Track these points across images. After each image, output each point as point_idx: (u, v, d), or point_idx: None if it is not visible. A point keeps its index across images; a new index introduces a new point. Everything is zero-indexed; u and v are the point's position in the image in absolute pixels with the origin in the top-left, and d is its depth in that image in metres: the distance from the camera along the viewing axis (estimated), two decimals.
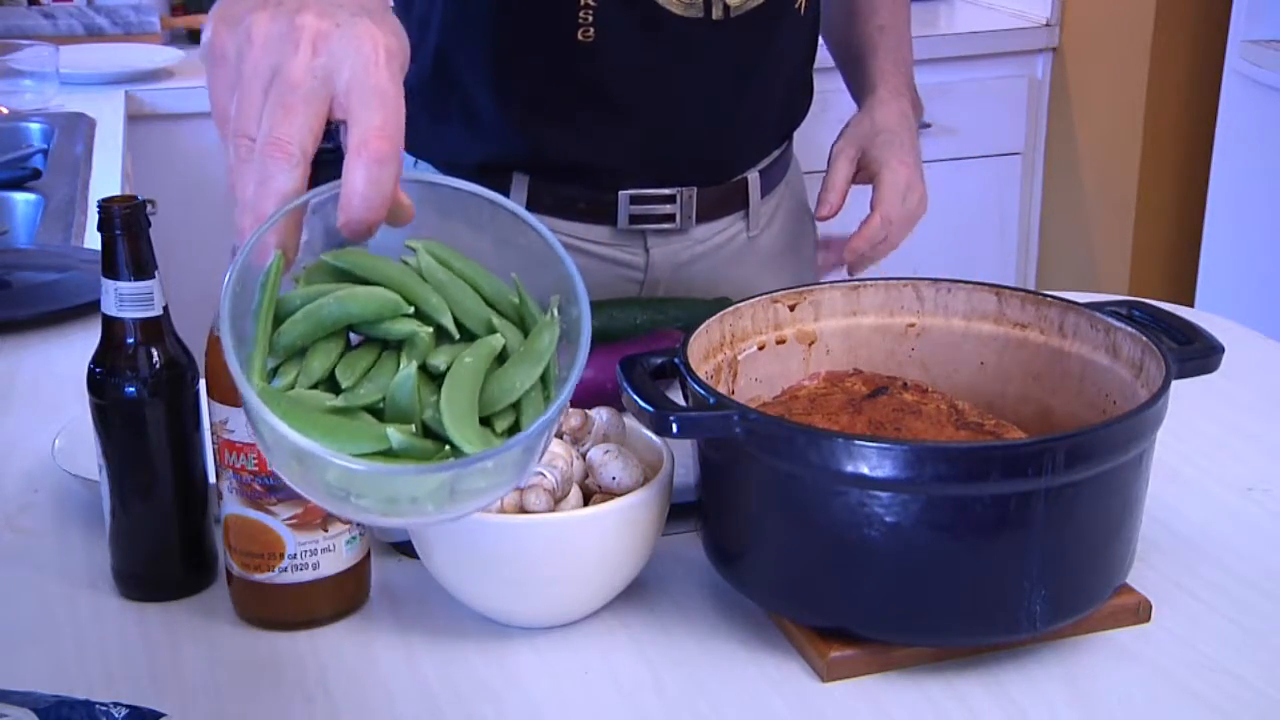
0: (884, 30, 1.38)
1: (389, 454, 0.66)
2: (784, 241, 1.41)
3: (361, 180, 0.68)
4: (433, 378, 0.69)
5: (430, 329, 0.70)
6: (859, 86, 1.38)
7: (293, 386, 0.69)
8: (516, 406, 0.70)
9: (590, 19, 1.20)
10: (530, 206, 1.29)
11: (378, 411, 0.69)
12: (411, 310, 0.70)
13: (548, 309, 0.73)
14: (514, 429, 0.69)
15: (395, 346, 0.70)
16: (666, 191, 1.30)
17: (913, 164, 1.30)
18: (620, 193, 1.29)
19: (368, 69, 0.69)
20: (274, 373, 0.69)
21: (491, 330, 0.71)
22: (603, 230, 1.31)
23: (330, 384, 0.69)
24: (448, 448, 0.67)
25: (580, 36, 1.20)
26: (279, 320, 0.70)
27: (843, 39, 1.41)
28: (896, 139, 1.30)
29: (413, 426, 0.67)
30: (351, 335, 0.71)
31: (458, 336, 0.71)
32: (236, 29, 0.71)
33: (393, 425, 0.67)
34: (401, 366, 0.68)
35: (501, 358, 0.71)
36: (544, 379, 0.71)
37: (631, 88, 1.25)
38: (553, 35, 1.21)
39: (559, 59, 1.22)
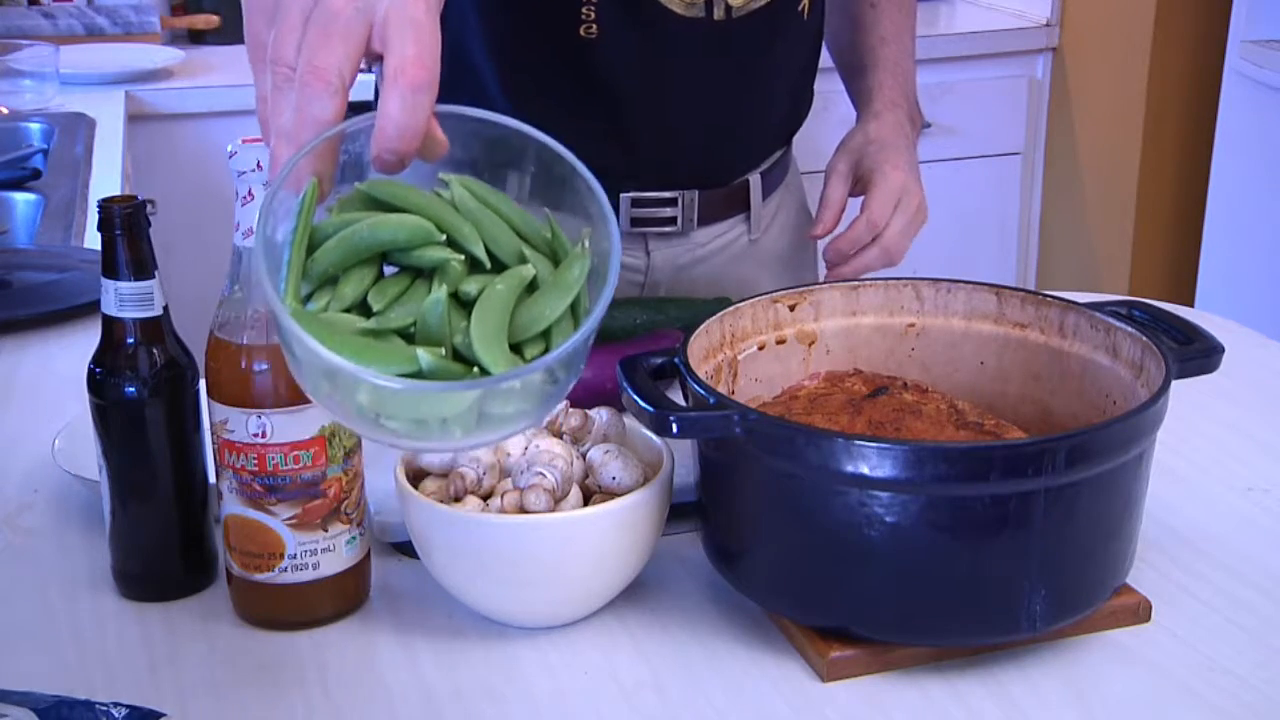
0: (885, 42, 1.37)
1: (419, 376, 0.66)
2: (785, 244, 1.41)
3: (397, 108, 0.69)
4: (463, 305, 0.69)
5: (462, 257, 0.70)
6: (858, 99, 1.38)
7: (326, 309, 0.69)
8: (546, 336, 0.70)
9: (592, 15, 1.20)
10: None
11: (409, 336, 0.69)
12: (444, 238, 0.70)
13: (578, 242, 0.73)
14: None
15: (427, 275, 0.71)
16: (668, 194, 1.30)
17: (907, 169, 1.29)
18: (621, 195, 1.29)
19: (404, 2, 0.70)
20: (308, 299, 0.70)
21: (523, 261, 0.71)
22: None
23: (363, 310, 0.70)
24: (476, 370, 0.67)
25: (582, 33, 1.20)
26: (313, 248, 0.70)
27: (845, 50, 1.41)
28: (891, 146, 1.30)
29: (443, 350, 0.68)
30: (386, 268, 0.72)
31: (489, 265, 0.71)
32: None
33: (423, 347, 0.67)
34: (433, 291, 0.69)
35: (532, 287, 0.71)
36: (574, 311, 0.71)
37: (633, 86, 1.25)
38: (555, 32, 1.21)
39: (561, 56, 1.22)
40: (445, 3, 1.19)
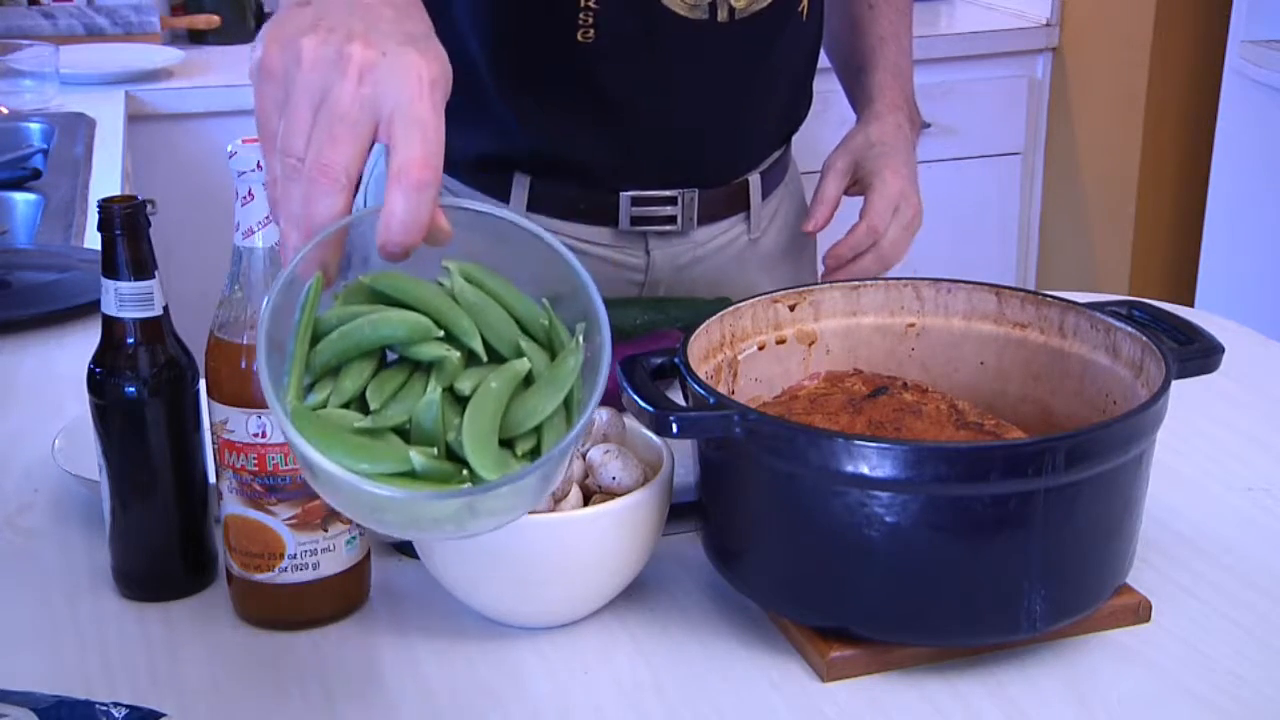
0: (884, 41, 1.37)
1: (412, 474, 0.69)
2: (785, 243, 1.41)
3: (400, 206, 0.71)
4: (459, 400, 0.72)
5: (459, 353, 0.72)
6: (858, 99, 1.38)
7: (325, 404, 0.72)
8: (538, 430, 0.72)
9: (591, 20, 1.20)
10: (531, 207, 1.29)
11: (405, 432, 0.71)
12: (442, 334, 0.72)
13: (574, 335, 0.75)
14: (535, 451, 0.72)
15: (426, 368, 0.73)
16: (668, 193, 1.30)
17: (907, 175, 1.29)
18: (621, 194, 1.29)
19: (411, 100, 0.72)
20: (310, 389, 0.72)
21: (519, 353, 0.73)
22: (604, 231, 1.31)
23: (362, 403, 0.72)
24: (466, 471, 0.70)
25: (580, 37, 1.20)
26: (316, 339, 0.72)
27: (844, 50, 1.41)
28: (891, 150, 1.30)
29: (435, 450, 0.70)
30: (388, 354, 0.74)
31: (486, 359, 0.73)
32: (287, 50, 0.74)
33: (416, 448, 0.69)
34: (428, 390, 0.71)
35: (529, 380, 0.73)
36: (567, 404, 0.73)
37: (632, 88, 1.25)
38: (553, 34, 1.21)
39: (559, 58, 1.22)
40: (445, 5, 1.20)
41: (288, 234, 0.73)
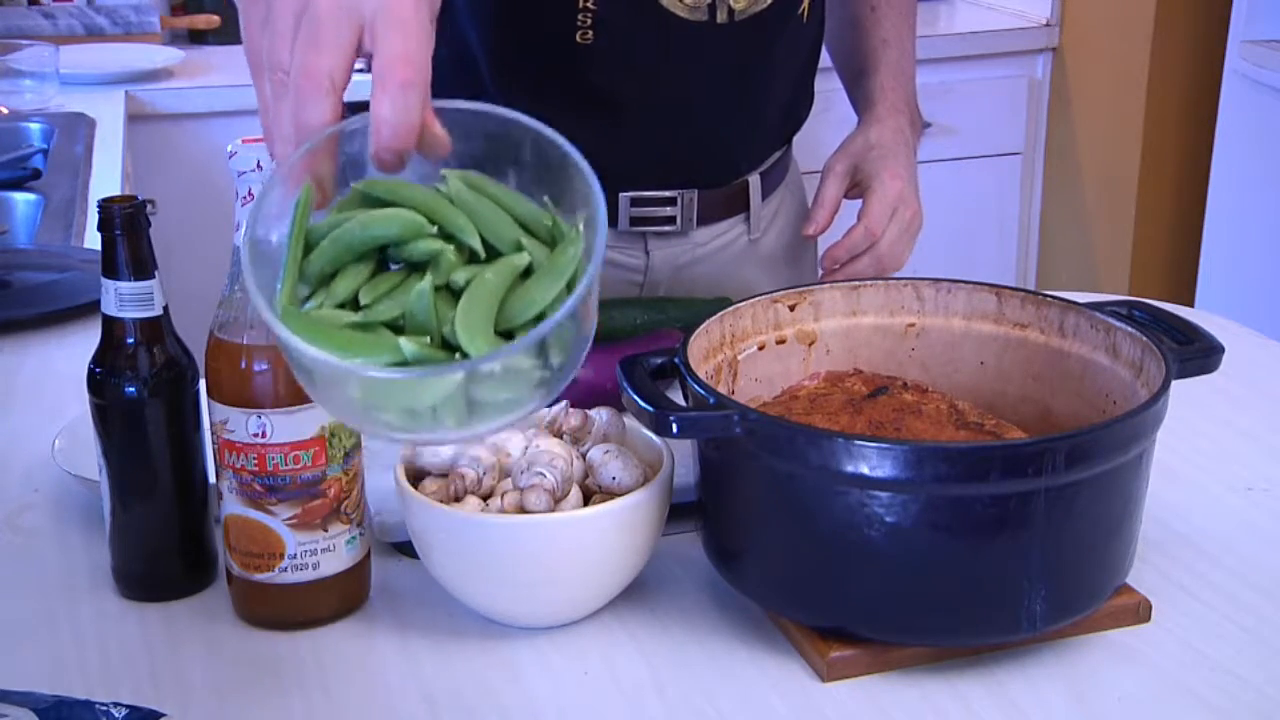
0: (886, 44, 1.37)
1: (405, 366, 0.67)
2: (785, 244, 1.41)
3: (388, 107, 0.69)
4: (456, 295, 0.69)
5: (453, 248, 0.70)
6: (859, 102, 1.38)
7: (319, 310, 0.69)
8: (539, 321, 0.69)
9: (589, 21, 1.20)
10: None
11: (399, 329, 0.69)
12: (435, 230, 0.70)
13: (573, 226, 0.73)
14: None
15: (423, 270, 0.70)
16: (667, 194, 1.30)
17: (906, 178, 1.29)
18: (621, 194, 1.29)
19: (391, 2, 0.71)
20: (306, 299, 0.70)
21: (520, 250, 0.71)
22: None
23: (355, 307, 0.70)
24: (459, 356, 0.68)
25: (579, 39, 1.20)
26: (309, 249, 0.70)
27: (845, 52, 1.41)
28: (891, 153, 1.30)
29: (429, 339, 0.68)
30: (392, 267, 0.72)
31: (484, 256, 0.71)
32: None
33: (407, 337, 0.67)
34: (421, 282, 0.69)
35: (528, 275, 0.71)
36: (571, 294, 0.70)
37: (631, 89, 1.25)
38: (551, 35, 1.21)
39: (558, 59, 1.22)
40: (443, 4, 1.20)
41: (279, 152, 0.71)
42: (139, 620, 0.93)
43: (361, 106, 0.72)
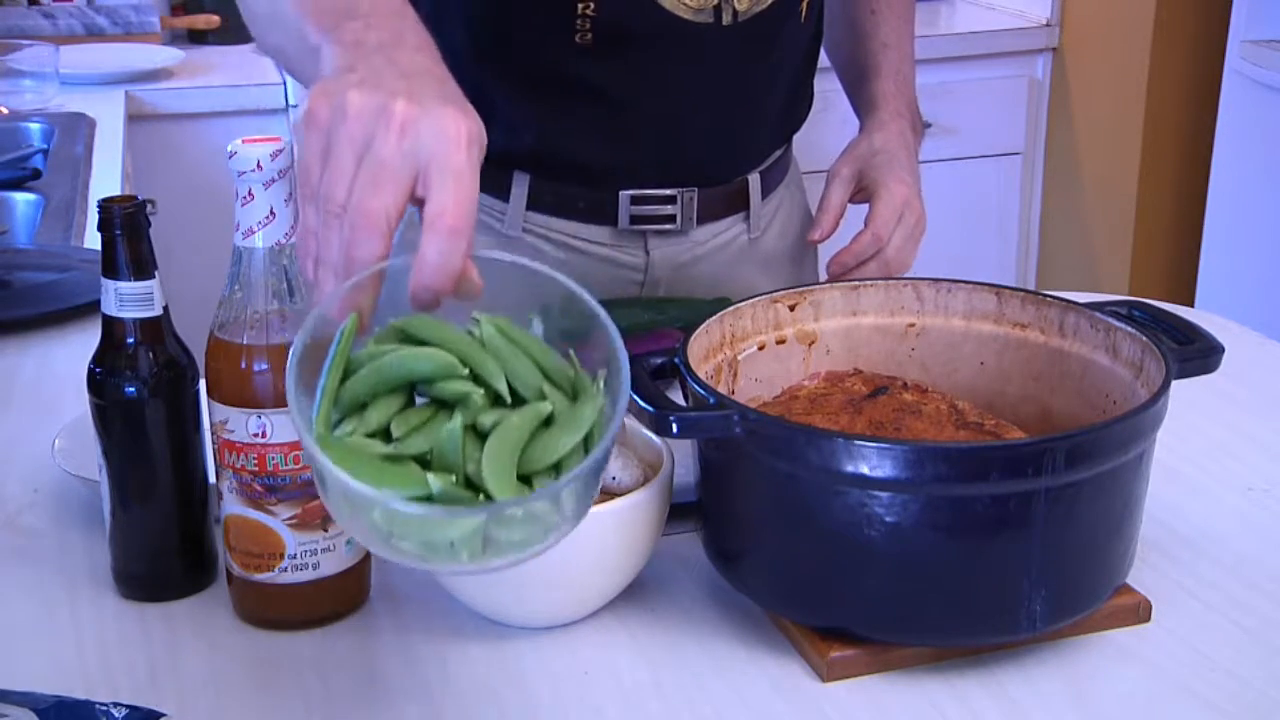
0: (887, 48, 1.37)
1: (430, 500, 0.70)
2: (785, 243, 1.41)
3: (434, 250, 0.73)
4: (481, 437, 0.72)
5: (482, 391, 0.74)
6: (861, 106, 1.38)
7: (350, 435, 0.73)
8: (557, 470, 0.73)
9: (588, 25, 1.20)
10: (531, 205, 1.29)
11: (426, 463, 0.72)
12: (467, 372, 0.74)
13: (595, 381, 0.76)
14: None
15: (451, 407, 0.74)
16: (667, 192, 1.30)
17: (911, 184, 1.30)
18: (621, 193, 1.29)
19: (449, 152, 0.75)
20: (338, 424, 0.73)
21: (543, 397, 0.75)
22: (603, 230, 1.31)
23: (387, 437, 0.73)
24: (482, 498, 0.71)
25: (577, 39, 1.20)
26: (346, 378, 0.74)
27: (846, 57, 1.41)
28: (895, 159, 1.30)
29: (454, 477, 0.71)
30: (417, 399, 0.75)
31: (510, 401, 0.74)
32: (333, 102, 0.77)
33: (434, 473, 0.70)
34: (452, 420, 0.72)
35: (549, 423, 0.74)
36: (586, 447, 0.74)
37: (629, 89, 1.25)
38: (548, 35, 1.21)
39: (555, 59, 1.22)
40: (437, 9, 1.20)
41: (324, 280, 0.75)
42: (139, 620, 0.93)
43: None
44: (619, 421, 0.72)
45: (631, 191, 1.29)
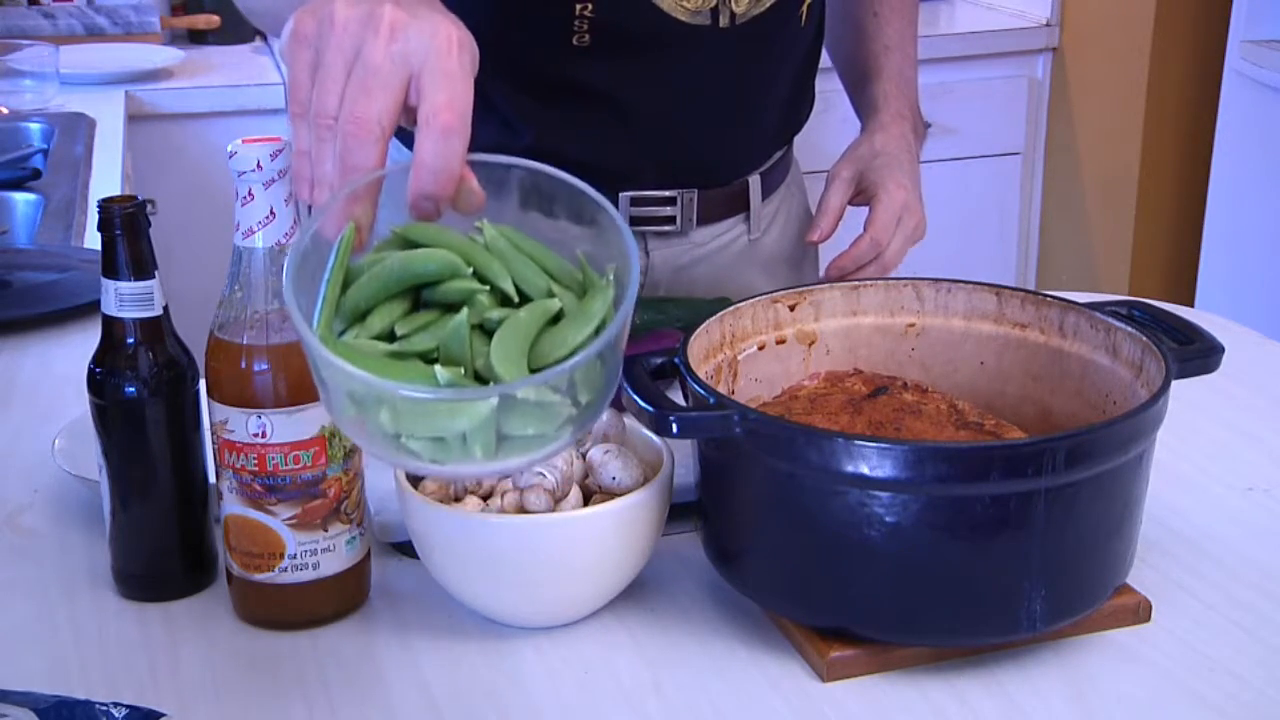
0: (889, 51, 1.37)
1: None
2: (785, 245, 1.41)
3: (430, 152, 0.72)
4: (488, 335, 0.71)
5: (488, 288, 0.72)
6: (863, 108, 1.38)
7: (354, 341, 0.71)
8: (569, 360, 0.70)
9: (586, 26, 1.20)
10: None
11: (433, 361, 0.71)
12: (471, 272, 0.72)
13: (604, 276, 0.75)
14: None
15: (457, 310, 0.72)
16: (667, 193, 1.30)
17: (910, 187, 1.29)
18: (620, 194, 1.29)
19: (440, 55, 0.74)
20: (340, 335, 0.72)
21: (551, 295, 0.73)
22: None
23: (390, 340, 0.72)
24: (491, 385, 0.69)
25: (575, 42, 1.20)
26: (346, 286, 0.72)
27: (848, 58, 1.41)
28: (895, 162, 1.30)
29: (462, 369, 0.69)
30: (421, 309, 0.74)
31: (517, 300, 0.73)
32: (319, 14, 0.76)
33: (441, 366, 0.69)
34: (457, 316, 0.70)
35: (558, 320, 0.73)
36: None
37: (627, 91, 1.24)
38: (546, 37, 1.21)
39: (553, 61, 1.22)
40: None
41: (320, 195, 0.74)
42: (139, 620, 0.93)
43: None
44: (630, 306, 0.70)
45: (631, 193, 1.29)
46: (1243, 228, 2.58)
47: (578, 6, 1.18)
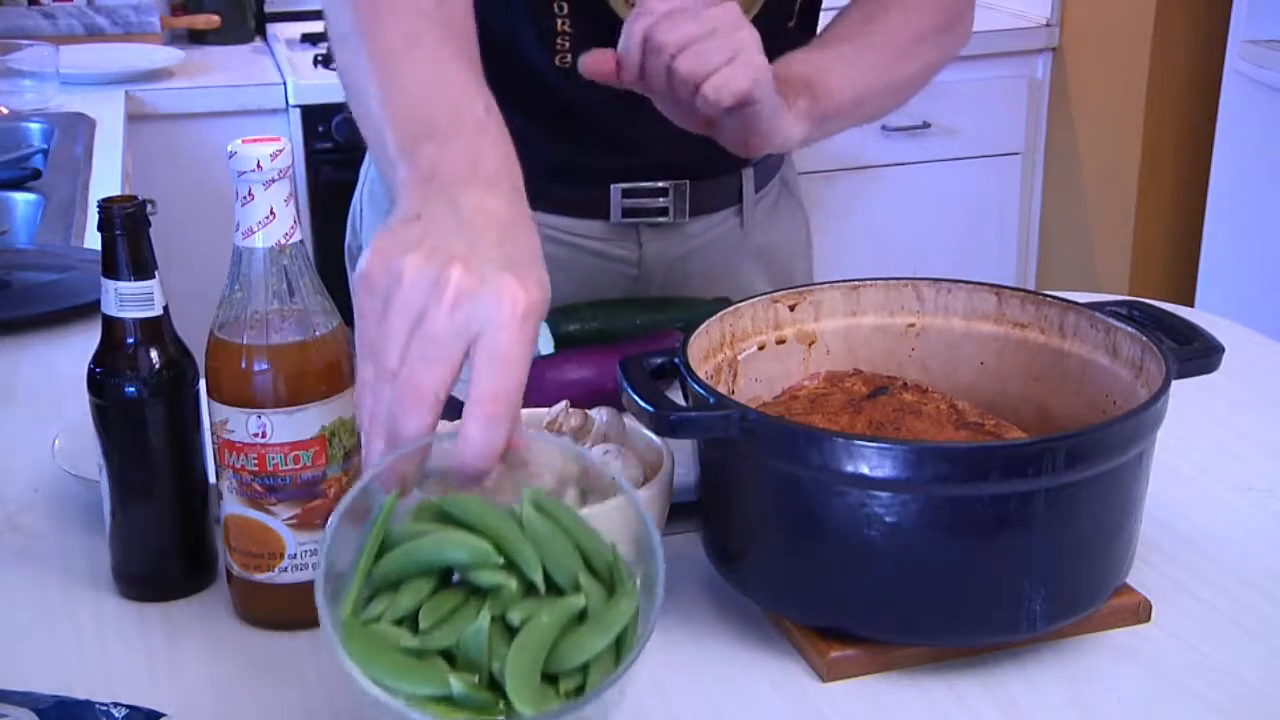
0: (841, 39, 1.22)
1: (450, 700, 0.69)
2: (779, 238, 1.41)
3: (475, 436, 0.74)
4: (510, 630, 0.72)
5: (515, 582, 0.73)
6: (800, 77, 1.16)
7: (380, 617, 0.72)
8: (585, 669, 0.72)
9: (567, 45, 1.19)
10: None
11: (452, 656, 0.71)
12: (502, 561, 0.73)
13: (633, 577, 0.75)
14: (580, 690, 0.71)
15: (484, 593, 0.73)
16: (659, 184, 1.30)
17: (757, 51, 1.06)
18: (612, 186, 1.29)
19: (500, 329, 0.74)
20: (370, 600, 0.73)
21: (578, 587, 0.73)
22: (595, 225, 1.31)
23: (415, 622, 0.73)
24: (504, 703, 0.70)
25: (558, 62, 1.21)
26: (381, 552, 0.74)
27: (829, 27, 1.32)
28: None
29: (476, 677, 0.70)
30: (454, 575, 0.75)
31: (544, 591, 0.73)
32: (389, 266, 0.76)
33: (456, 674, 0.70)
34: (479, 617, 0.71)
35: (583, 616, 0.73)
36: (619, 647, 0.73)
37: (614, 105, 1.23)
38: (530, 59, 1.21)
39: (542, 79, 1.22)
40: None
41: (374, 439, 0.76)
42: (139, 620, 0.93)
43: None
44: (652, 625, 0.71)
45: (623, 184, 1.29)
46: (1243, 228, 2.58)
47: (558, 21, 1.18)
